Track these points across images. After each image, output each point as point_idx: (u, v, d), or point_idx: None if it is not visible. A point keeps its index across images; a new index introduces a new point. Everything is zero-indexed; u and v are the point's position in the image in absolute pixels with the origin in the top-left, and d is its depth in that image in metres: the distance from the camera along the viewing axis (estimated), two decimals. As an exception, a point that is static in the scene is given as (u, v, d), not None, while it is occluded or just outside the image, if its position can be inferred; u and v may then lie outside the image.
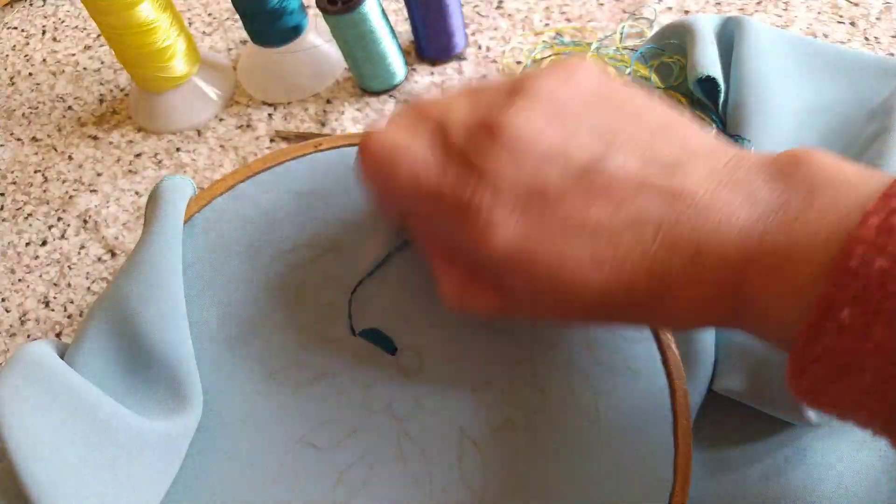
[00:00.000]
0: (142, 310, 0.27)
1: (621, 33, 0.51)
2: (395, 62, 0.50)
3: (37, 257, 0.48)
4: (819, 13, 0.50)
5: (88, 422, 0.24)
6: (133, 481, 0.24)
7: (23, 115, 0.58)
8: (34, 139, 0.56)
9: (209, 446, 0.27)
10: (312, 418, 0.27)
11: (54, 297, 0.46)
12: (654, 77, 0.46)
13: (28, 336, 0.44)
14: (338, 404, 0.28)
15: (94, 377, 0.26)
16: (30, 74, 0.61)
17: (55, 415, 0.23)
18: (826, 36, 0.48)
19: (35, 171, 0.53)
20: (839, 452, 0.32)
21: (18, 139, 0.56)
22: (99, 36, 0.63)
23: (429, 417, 0.27)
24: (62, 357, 0.27)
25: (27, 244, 0.49)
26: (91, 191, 0.51)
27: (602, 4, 0.54)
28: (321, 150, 0.34)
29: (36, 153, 0.55)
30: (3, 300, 0.46)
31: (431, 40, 0.51)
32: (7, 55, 0.64)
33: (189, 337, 0.28)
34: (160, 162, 0.52)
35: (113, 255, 0.47)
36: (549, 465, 0.26)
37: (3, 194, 0.53)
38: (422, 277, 0.30)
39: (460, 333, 0.29)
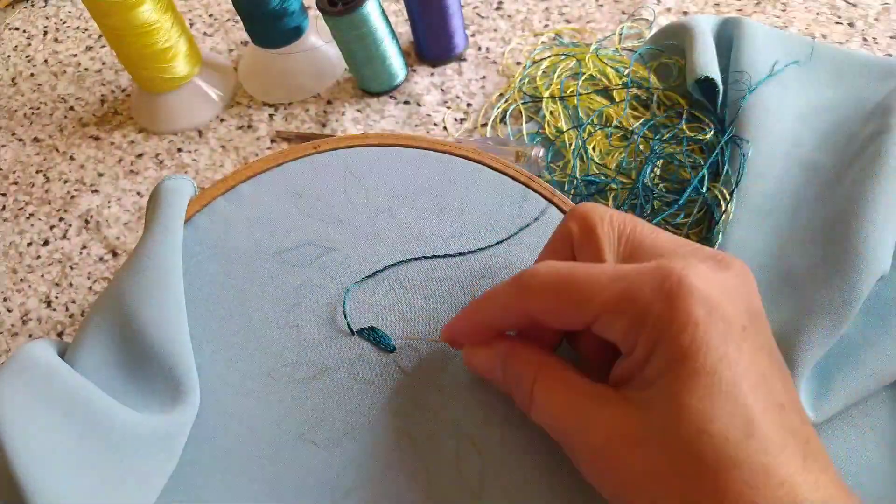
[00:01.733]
0: (142, 309, 0.28)
1: (620, 34, 0.52)
2: (396, 63, 0.50)
3: (38, 257, 0.48)
4: (817, 14, 0.50)
5: (85, 420, 0.24)
6: (129, 478, 0.24)
7: (24, 115, 0.58)
8: (36, 140, 0.56)
9: (208, 443, 0.27)
10: (311, 416, 0.28)
11: (56, 297, 0.46)
12: (652, 78, 0.46)
13: (30, 335, 0.45)
14: (336, 402, 0.28)
15: (93, 376, 0.26)
16: (31, 75, 0.62)
17: (52, 413, 0.23)
18: (824, 37, 0.49)
19: (37, 172, 0.54)
20: (842, 451, 0.32)
21: (20, 139, 0.56)
22: (100, 37, 0.63)
23: (427, 416, 0.27)
24: (62, 356, 0.27)
25: (29, 244, 0.49)
26: (93, 191, 0.51)
27: (601, 6, 0.54)
28: (320, 152, 0.34)
29: (38, 153, 0.55)
30: (5, 300, 0.47)
31: (431, 41, 0.51)
32: (9, 56, 0.64)
33: (188, 335, 0.28)
34: (161, 162, 0.52)
35: (114, 255, 0.48)
36: (548, 463, 0.26)
37: (4, 194, 0.53)
38: (420, 277, 0.31)
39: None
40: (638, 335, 0.21)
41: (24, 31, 0.66)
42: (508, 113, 0.48)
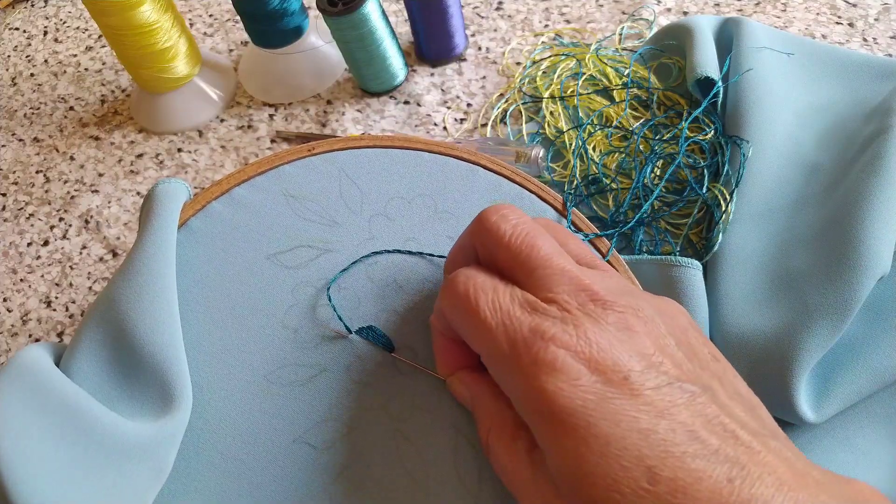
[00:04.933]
0: (134, 314, 0.27)
1: (620, 34, 0.52)
2: (396, 63, 0.50)
3: (38, 257, 0.48)
4: (818, 14, 0.50)
5: (77, 428, 0.24)
6: (120, 487, 0.24)
7: (24, 115, 0.58)
8: (36, 140, 0.56)
9: (206, 446, 0.27)
10: (309, 417, 0.28)
11: (56, 297, 0.46)
12: (652, 78, 0.46)
13: (30, 335, 0.45)
14: (334, 403, 0.28)
15: (87, 382, 0.26)
16: (31, 75, 0.62)
17: (44, 421, 0.23)
18: (824, 37, 0.49)
19: (37, 172, 0.54)
20: (843, 451, 0.32)
21: (20, 140, 0.56)
22: (100, 37, 0.63)
23: (424, 416, 0.27)
24: (59, 360, 0.27)
25: (29, 244, 0.49)
26: (93, 191, 0.51)
27: (601, 6, 0.54)
28: (315, 154, 0.34)
29: (38, 153, 0.55)
30: (5, 300, 0.47)
31: (431, 41, 0.51)
32: (9, 56, 0.64)
33: (181, 340, 0.28)
34: (161, 162, 0.52)
35: (114, 255, 0.48)
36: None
37: (4, 195, 0.53)
38: (417, 277, 0.31)
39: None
40: (507, 393, 0.22)
41: (24, 31, 0.66)
42: (508, 113, 0.48)
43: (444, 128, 0.49)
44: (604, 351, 0.21)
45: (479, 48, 0.53)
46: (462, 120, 0.49)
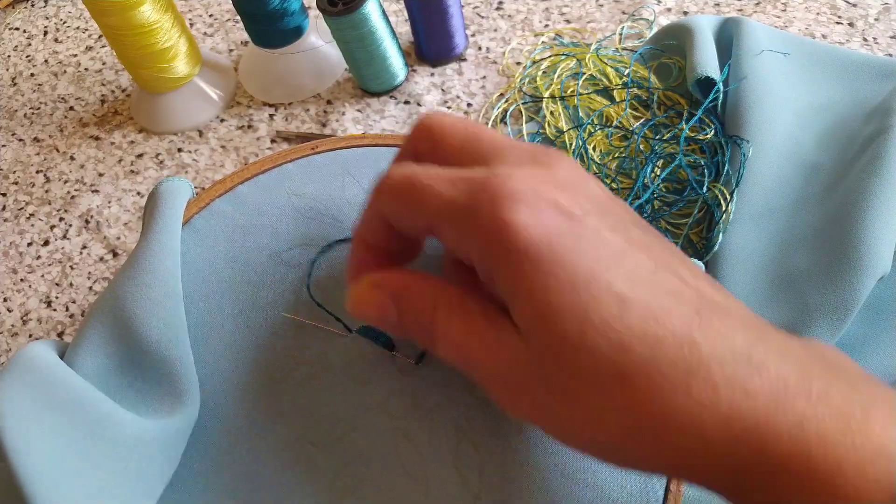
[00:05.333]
0: (141, 311, 0.28)
1: (620, 34, 0.52)
2: (396, 63, 0.50)
3: (39, 257, 0.48)
4: (818, 14, 0.50)
5: (85, 421, 0.24)
6: (129, 480, 0.24)
7: (25, 115, 0.58)
8: (36, 140, 0.56)
9: (207, 444, 0.27)
10: (310, 416, 0.28)
11: (56, 297, 0.46)
12: (652, 78, 0.46)
13: (30, 335, 0.45)
14: (335, 402, 0.28)
15: (92, 378, 0.26)
16: (31, 75, 0.62)
17: (52, 415, 0.23)
18: (824, 37, 0.49)
19: (37, 172, 0.54)
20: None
21: (20, 139, 0.56)
22: (101, 37, 0.63)
23: (425, 416, 0.27)
24: (62, 357, 0.27)
25: (29, 244, 0.49)
26: (93, 191, 0.51)
27: (601, 6, 0.54)
28: (318, 153, 0.35)
29: (38, 153, 0.55)
30: (6, 300, 0.47)
31: (431, 41, 0.51)
32: (9, 56, 0.64)
33: (187, 337, 0.28)
34: (162, 162, 0.52)
35: (115, 254, 0.48)
36: (546, 462, 0.26)
37: (5, 194, 0.53)
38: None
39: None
40: (469, 249, 0.21)
41: (24, 31, 0.66)
42: (509, 113, 0.48)
43: (445, 128, 0.49)
44: (560, 187, 0.20)
45: (479, 48, 0.53)
46: (462, 120, 0.49)
